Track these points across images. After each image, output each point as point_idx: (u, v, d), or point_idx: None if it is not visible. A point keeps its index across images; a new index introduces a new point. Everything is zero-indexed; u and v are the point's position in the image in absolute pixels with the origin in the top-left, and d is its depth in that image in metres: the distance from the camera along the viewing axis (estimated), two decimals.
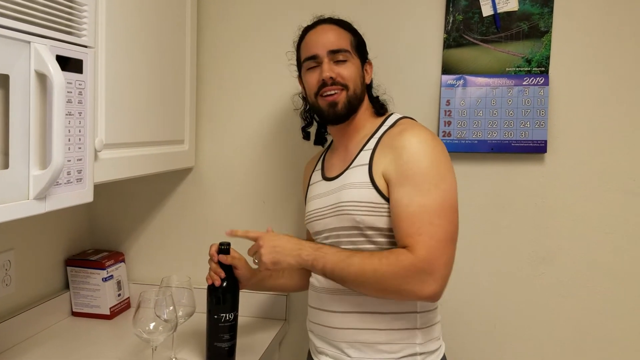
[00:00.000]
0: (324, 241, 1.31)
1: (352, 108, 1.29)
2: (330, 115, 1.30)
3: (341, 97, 1.27)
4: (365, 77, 1.34)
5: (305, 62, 1.32)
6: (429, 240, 1.11)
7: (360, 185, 1.22)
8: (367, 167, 1.23)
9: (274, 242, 1.23)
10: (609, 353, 1.62)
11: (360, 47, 1.33)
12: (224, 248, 1.35)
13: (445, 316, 1.57)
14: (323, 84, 1.27)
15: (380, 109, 1.35)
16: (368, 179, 1.21)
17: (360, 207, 1.21)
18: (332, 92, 1.27)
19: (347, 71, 1.27)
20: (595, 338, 1.62)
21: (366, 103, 1.34)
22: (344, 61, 1.28)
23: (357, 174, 1.24)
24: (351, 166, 1.27)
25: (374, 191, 1.20)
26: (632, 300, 1.60)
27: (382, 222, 1.20)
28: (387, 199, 1.19)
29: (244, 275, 1.38)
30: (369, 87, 1.37)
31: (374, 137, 1.27)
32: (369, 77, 1.36)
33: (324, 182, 1.35)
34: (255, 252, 1.25)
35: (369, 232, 1.22)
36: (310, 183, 1.43)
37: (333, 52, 1.27)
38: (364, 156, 1.25)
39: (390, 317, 1.22)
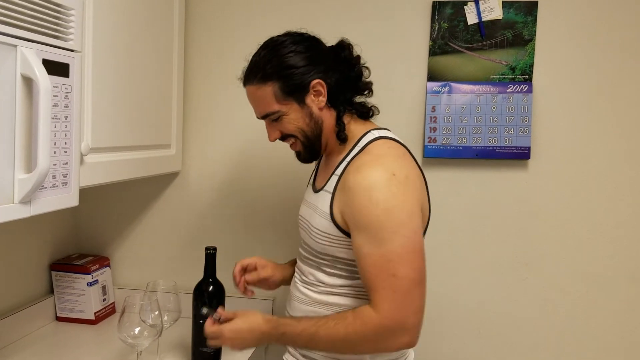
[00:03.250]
0: (301, 250, 1.31)
1: (314, 150, 1.25)
2: (300, 161, 1.29)
3: (298, 147, 1.25)
4: (313, 109, 1.20)
5: None
6: (393, 294, 1.07)
7: (322, 215, 1.19)
8: (330, 197, 1.19)
9: (239, 341, 1.19)
10: (594, 356, 1.64)
11: (292, 87, 1.18)
12: (211, 252, 1.36)
13: (428, 321, 1.58)
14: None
15: (362, 115, 1.28)
16: (328, 211, 1.18)
17: (322, 236, 1.19)
18: (289, 144, 1.26)
19: (285, 126, 1.22)
20: (578, 343, 1.64)
21: (331, 129, 1.23)
22: (278, 118, 1.21)
23: (324, 200, 1.21)
24: (324, 187, 1.23)
25: (332, 224, 1.16)
26: (614, 305, 1.63)
27: (342, 253, 1.18)
28: (348, 235, 1.15)
29: (277, 280, 1.40)
30: (335, 101, 1.22)
31: (345, 161, 1.21)
32: (320, 102, 1.20)
33: (311, 190, 1.33)
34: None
35: (331, 259, 1.21)
36: (309, 182, 1.40)
37: (263, 118, 1.24)
38: (332, 182, 1.21)
39: None
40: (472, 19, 1.62)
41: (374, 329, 1.08)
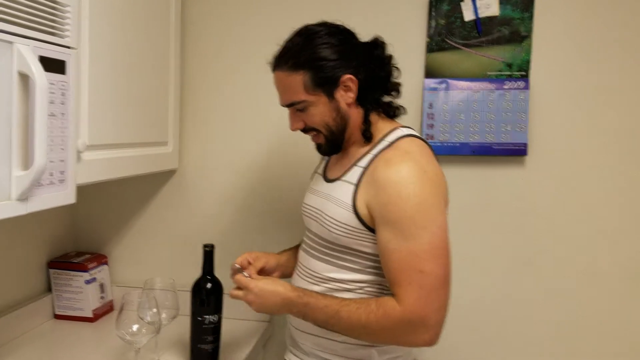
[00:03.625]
0: (307, 240, 1.31)
1: (336, 144, 1.24)
2: (320, 153, 1.29)
3: (320, 139, 1.24)
4: (340, 104, 1.20)
5: None
6: (419, 290, 1.07)
7: (341, 205, 1.17)
8: (353, 188, 1.17)
9: (261, 300, 1.20)
10: (590, 354, 1.64)
11: (323, 79, 1.17)
12: (209, 250, 1.35)
13: None
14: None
15: (389, 114, 1.28)
16: (350, 202, 1.16)
17: (338, 227, 1.17)
18: (311, 136, 1.26)
19: (310, 119, 1.21)
20: (577, 340, 1.65)
21: (356, 126, 1.23)
22: (304, 108, 1.20)
23: (343, 190, 1.19)
24: (343, 177, 1.22)
25: (354, 216, 1.15)
26: (613, 302, 1.63)
27: (359, 245, 1.17)
28: (369, 228, 1.15)
29: (272, 266, 1.38)
30: (363, 98, 1.22)
31: (370, 153, 1.20)
32: (348, 97, 1.19)
33: (322, 179, 1.32)
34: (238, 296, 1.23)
35: (345, 251, 1.20)
36: (316, 171, 1.40)
37: (289, 106, 1.23)
38: (355, 173, 1.19)
39: None
40: (468, 15, 1.62)
41: (395, 321, 1.08)
